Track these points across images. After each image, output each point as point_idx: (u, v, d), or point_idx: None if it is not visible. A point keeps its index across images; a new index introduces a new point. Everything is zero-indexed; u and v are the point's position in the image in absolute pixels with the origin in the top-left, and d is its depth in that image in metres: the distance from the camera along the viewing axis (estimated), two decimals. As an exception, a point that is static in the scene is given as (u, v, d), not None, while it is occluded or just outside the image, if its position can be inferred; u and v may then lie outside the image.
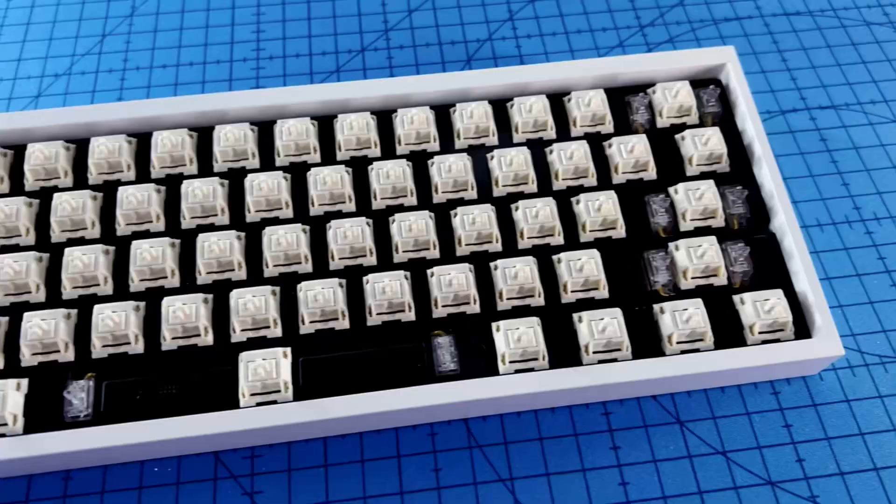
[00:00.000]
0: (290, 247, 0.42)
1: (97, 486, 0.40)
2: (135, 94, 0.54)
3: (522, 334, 0.40)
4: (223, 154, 0.45)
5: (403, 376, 0.40)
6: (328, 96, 0.47)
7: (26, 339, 0.40)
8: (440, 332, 0.41)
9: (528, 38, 0.57)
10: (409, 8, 0.58)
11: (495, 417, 0.42)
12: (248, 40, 0.57)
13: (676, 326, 0.40)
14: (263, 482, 0.40)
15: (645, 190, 0.45)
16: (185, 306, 0.40)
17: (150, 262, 0.41)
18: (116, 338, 0.40)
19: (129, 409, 0.39)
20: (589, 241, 0.44)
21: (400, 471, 0.40)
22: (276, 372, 0.39)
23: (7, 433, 0.38)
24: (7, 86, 0.54)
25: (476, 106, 0.46)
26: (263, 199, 0.44)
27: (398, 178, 0.44)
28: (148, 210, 0.43)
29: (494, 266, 0.42)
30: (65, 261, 0.41)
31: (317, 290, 0.41)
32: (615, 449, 0.41)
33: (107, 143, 0.44)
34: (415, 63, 0.56)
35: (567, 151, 0.45)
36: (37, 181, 0.45)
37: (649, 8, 0.59)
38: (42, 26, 0.57)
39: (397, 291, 0.41)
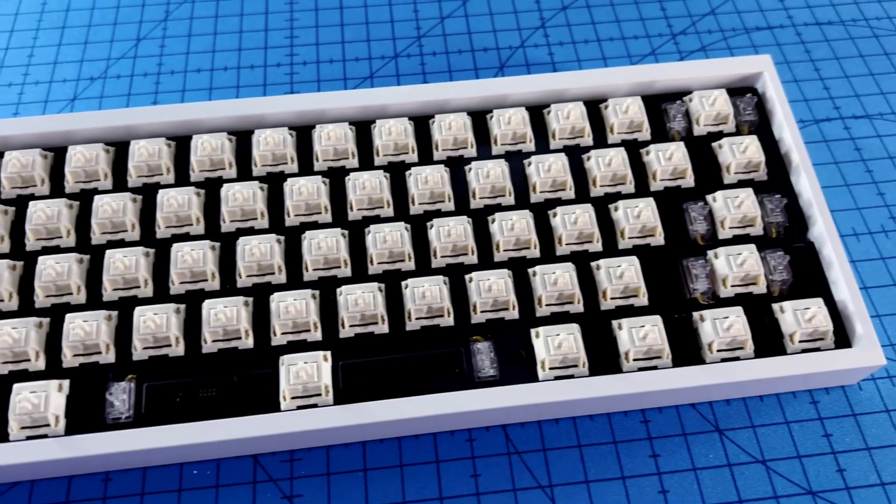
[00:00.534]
0: (330, 251, 0.42)
1: (137, 488, 0.40)
2: (170, 98, 0.54)
3: (563, 341, 0.40)
4: (262, 158, 0.45)
5: (442, 381, 0.40)
6: (366, 101, 0.47)
7: (68, 341, 0.40)
8: (479, 338, 0.41)
9: (560, 45, 0.57)
10: (441, 15, 0.59)
11: (533, 424, 0.42)
12: (282, 45, 0.57)
13: (717, 334, 0.40)
14: (303, 486, 0.40)
15: (682, 197, 0.45)
16: (226, 309, 0.40)
17: (190, 265, 0.42)
18: (157, 340, 0.40)
19: (169, 411, 0.39)
20: (627, 248, 0.44)
21: (439, 476, 0.40)
22: (317, 375, 0.39)
23: (49, 434, 0.38)
24: (43, 88, 0.54)
25: (514, 112, 0.46)
26: (303, 203, 0.44)
27: (436, 184, 0.44)
28: (188, 213, 0.43)
29: (533, 272, 0.42)
30: (106, 263, 0.42)
31: (357, 295, 0.41)
32: (654, 457, 0.41)
33: (147, 146, 0.45)
34: (448, 69, 0.56)
35: (605, 158, 0.45)
36: (77, 183, 0.45)
37: (681, 17, 0.59)
38: (77, 30, 0.58)
39: (436, 296, 0.41)
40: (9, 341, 0.39)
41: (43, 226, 0.43)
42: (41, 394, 0.38)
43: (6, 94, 0.54)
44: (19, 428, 0.38)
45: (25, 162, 0.44)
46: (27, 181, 0.44)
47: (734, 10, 0.59)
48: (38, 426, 0.38)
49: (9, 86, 0.54)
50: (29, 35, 0.57)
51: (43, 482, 0.40)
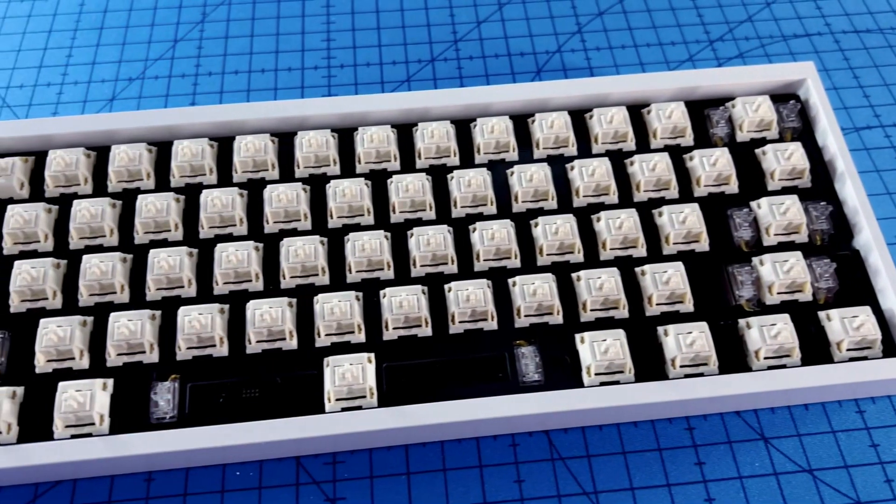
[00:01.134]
0: (373, 253, 0.42)
1: (179, 489, 0.40)
2: (208, 100, 0.54)
3: (609, 346, 0.39)
4: (305, 160, 0.45)
5: (485, 385, 0.40)
6: (408, 104, 0.47)
7: (113, 340, 0.40)
8: (522, 342, 0.41)
9: (597, 50, 0.57)
10: (478, 19, 0.59)
11: (577, 430, 0.41)
12: (319, 48, 0.57)
13: (764, 341, 0.40)
14: (346, 488, 0.40)
15: (726, 203, 0.45)
16: (271, 310, 0.40)
17: (235, 266, 0.41)
18: (202, 340, 0.40)
19: (213, 411, 0.39)
20: (672, 254, 0.43)
21: (483, 481, 0.40)
22: (362, 377, 0.39)
23: (94, 433, 0.38)
24: (82, 89, 0.55)
25: (556, 116, 0.46)
26: (346, 205, 0.44)
27: (479, 187, 0.44)
28: (232, 214, 0.43)
29: (577, 277, 0.42)
30: (150, 262, 0.42)
31: (401, 297, 0.41)
32: (700, 464, 0.40)
33: (190, 146, 0.45)
34: (485, 74, 0.56)
35: (649, 163, 0.45)
36: (120, 182, 0.45)
37: (718, 23, 0.58)
38: (115, 31, 0.58)
39: (480, 300, 0.41)
40: (54, 339, 0.39)
41: (87, 224, 0.43)
42: (86, 392, 0.38)
43: (45, 93, 0.54)
44: (64, 426, 0.38)
45: (69, 161, 0.44)
46: (70, 180, 0.44)
47: (771, 17, 0.59)
48: (83, 425, 0.38)
49: (48, 85, 0.55)
50: (67, 35, 0.57)
51: (85, 481, 0.40)
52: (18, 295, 0.41)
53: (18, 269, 0.41)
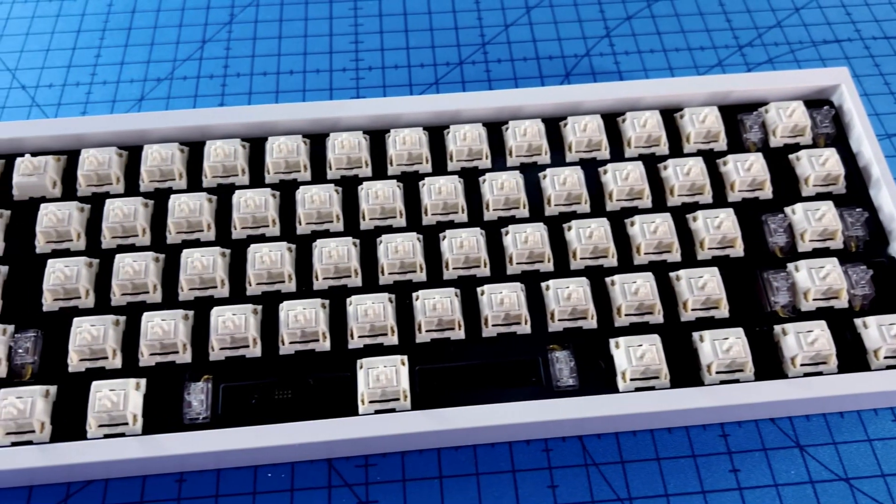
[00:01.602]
0: (407, 255, 0.42)
1: (211, 490, 0.39)
2: (236, 101, 0.54)
3: (645, 352, 0.39)
4: (337, 161, 0.45)
5: (518, 389, 0.40)
6: (440, 106, 0.47)
7: (146, 339, 0.39)
8: (556, 347, 0.41)
9: (626, 54, 0.57)
10: (506, 22, 0.59)
11: (610, 435, 0.41)
12: (347, 50, 0.57)
13: (801, 348, 0.40)
14: (378, 491, 0.39)
15: (760, 209, 0.45)
16: (305, 311, 0.40)
17: (268, 266, 0.41)
18: (235, 340, 0.40)
19: (245, 412, 0.39)
20: (706, 259, 0.43)
21: (516, 486, 0.39)
22: (396, 380, 0.39)
23: (127, 433, 0.38)
24: (111, 88, 0.55)
25: (589, 119, 0.46)
26: (378, 207, 0.43)
27: (511, 190, 0.44)
28: (265, 214, 0.43)
29: (611, 281, 0.42)
30: (183, 262, 0.41)
31: (435, 300, 0.41)
32: (735, 472, 0.40)
33: (223, 146, 0.45)
34: (513, 77, 0.55)
35: (683, 168, 0.44)
36: (152, 182, 0.45)
37: (747, 28, 0.58)
38: (143, 31, 0.58)
39: (514, 303, 0.41)
40: (87, 339, 0.39)
41: (119, 224, 0.43)
42: (120, 392, 0.38)
43: (74, 93, 0.54)
44: (97, 426, 0.38)
45: (102, 160, 0.44)
46: (103, 179, 0.44)
47: (800, 22, 0.58)
48: (117, 424, 0.38)
49: (77, 85, 0.55)
50: (96, 36, 0.58)
51: (117, 481, 0.40)
52: (51, 294, 0.41)
53: (52, 267, 0.41)
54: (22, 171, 0.44)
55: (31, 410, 0.38)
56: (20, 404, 0.38)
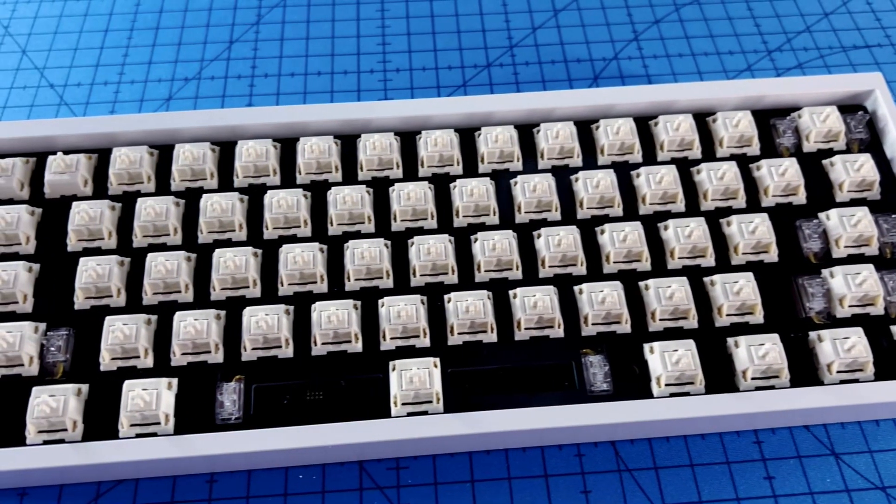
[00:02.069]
0: (438, 257, 0.42)
1: (242, 491, 0.39)
2: (264, 101, 0.54)
3: (681, 357, 0.39)
4: (368, 163, 0.45)
5: (551, 394, 0.39)
6: (468, 109, 0.46)
7: (178, 339, 0.39)
8: (589, 351, 0.40)
9: (654, 58, 0.56)
10: (533, 25, 0.58)
11: (643, 441, 0.41)
12: (375, 52, 0.57)
13: (837, 355, 0.39)
14: (410, 495, 0.39)
15: (794, 214, 0.44)
16: (338, 312, 0.40)
17: (300, 267, 0.41)
18: (268, 341, 0.40)
19: (277, 413, 0.39)
20: (740, 264, 0.43)
21: (549, 491, 0.39)
22: (429, 382, 0.38)
23: (159, 432, 0.38)
24: (139, 88, 0.55)
25: (622, 122, 0.46)
26: (410, 208, 0.43)
27: (543, 192, 0.44)
28: (297, 215, 0.43)
29: (645, 286, 0.42)
30: (214, 262, 0.41)
31: (468, 302, 0.40)
32: (769, 479, 0.40)
33: (255, 146, 0.44)
34: (541, 79, 0.55)
35: (717, 172, 0.44)
36: (183, 181, 0.45)
37: (776, 33, 0.58)
38: (170, 31, 0.58)
39: (547, 307, 0.40)
40: (120, 337, 0.39)
41: (151, 223, 0.42)
42: (152, 391, 0.38)
43: (102, 92, 0.54)
44: (129, 425, 0.38)
45: (133, 158, 0.44)
46: (134, 178, 0.44)
47: (830, 28, 0.58)
48: (149, 424, 0.38)
49: (105, 84, 0.55)
50: (123, 35, 0.58)
51: (147, 481, 0.39)
52: (83, 292, 0.41)
53: (84, 265, 0.41)
54: (54, 169, 0.44)
55: (63, 409, 0.37)
56: (53, 402, 0.37)
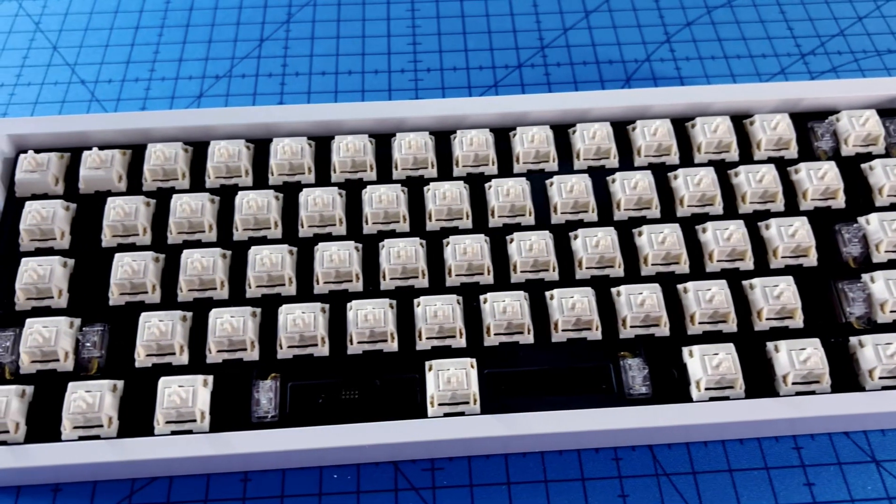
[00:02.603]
0: (474, 257, 0.41)
1: (276, 490, 0.39)
2: (295, 100, 0.54)
3: (722, 361, 0.38)
4: (403, 162, 0.45)
5: (588, 396, 0.39)
6: (508, 108, 0.46)
7: (214, 336, 0.39)
8: (627, 354, 0.40)
9: (686, 60, 0.56)
10: (564, 26, 0.58)
11: (681, 445, 0.40)
12: (405, 52, 0.56)
13: (880, 360, 0.39)
14: (446, 496, 0.39)
15: (832, 218, 0.44)
16: (374, 311, 0.39)
17: (336, 265, 0.41)
18: (304, 339, 0.39)
19: (312, 412, 0.39)
20: (779, 268, 0.42)
21: (586, 494, 0.39)
22: (466, 383, 0.38)
23: (194, 430, 0.38)
24: (169, 85, 0.55)
25: (660, 123, 0.45)
26: (445, 207, 0.43)
27: (580, 193, 0.43)
28: (332, 213, 0.43)
29: (684, 289, 0.41)
30: (250, 259, 0.41)
31: (505, 303, 0.40)
32: (809, 485, 0.39)
33: (291, 144, 0.44)
34: (573, 80, 0.55)
35: (756, 175, 0.44)
36: (217, 179, 0.45)
37: (809, 37, 0.57)
38: (201, 29, 0.58)
39: (585, 308, 0.40)
40: (156, 334, 0.39)
41: (186, 219, 0.42)
42: (188, 388, 0.38)
43: (133, 88, 0.54)
44: (165, 422, 0.38)
45: (168, 155, 0.44)
46: (169, 174, 0.44)
47: (864, 31, 0.58)
48: (184, 421, 0.38)
49: (136, 81, 0.55)
50: (154, 32, 0.58)
51: (181, 479, 0.39)
52: (118, 288, 0.41)
53: (120, 261, 0.41)
54: (89, 165, 0.44)
55: (99, 405, 0.37)
56: (89, 398, 0.37)
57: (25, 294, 0.41)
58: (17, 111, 0.53)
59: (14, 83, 0.55)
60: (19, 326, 0.40)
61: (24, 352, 0.39)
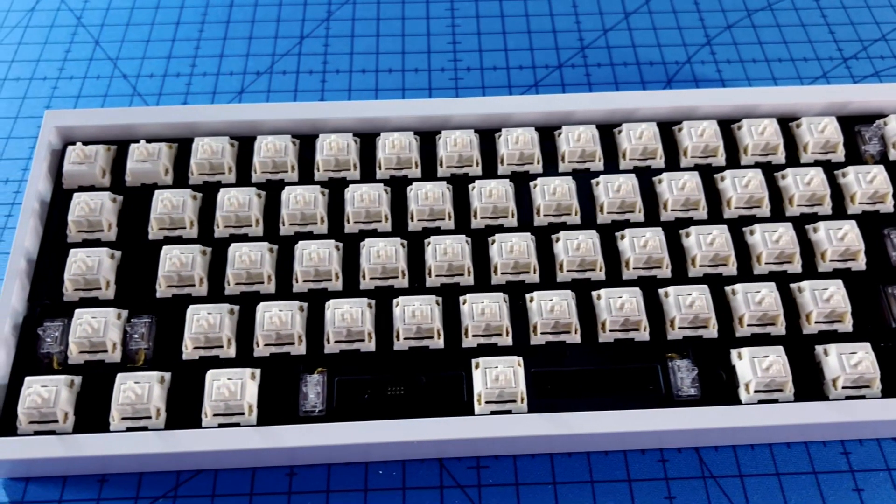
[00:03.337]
0: (521, 255, 0.41)
1: (322, 485, 0.39)
2: (336, 97, 0.54)
3: (772, 363, 0.38)
4: (448, 159, 0.45)
5: (636, 397, 0.39)
6: (553, 107, 0.46)
7: (262, 329, 0.39)
8: (674, 355, 0.40)
9: (727, 63, 0.56)
10: (604, 27, 0.58)
11: (727, 448, 0.40)
12: (445, 51, 0.57)
13: (932, 366, 0.38)
14: (492, 494, 0.39)
15: (881, 222, 0.44)
16: (422, 307, 0.39)
17: (382, 262, 0.41)
18: (351, 334, 0.39)
19: (358, 407, 0.39)
20: (827, 272, 0.42)
21: (632, 495, 0.39)
22: (514, 381, 0.38)
23: (242, 423, 0.38)
24: (210, 80, 0.55)
25: (707, 125, 0.45)
26: (491, 206, 0.43)
27: (627, 193, 0.43)
28: (378, 210, 0.43)
29: (732, 290, 0.41)
30: (297, 254, 0.41)
31: (553, 302, 0.40)
32: (858, 490, 0.39)
33: (337, 140, 0.44)
34: (614, 81, 0.55)
35: (804, 178, 0.43)
36: (263, 173, 0.45)
37: (851, 41, 0.57)
38: (242, 25, 0.58)
39: (634, 309, 0.40)
40: (204, 326, 0.39)
41: (234, 213, 0.42)
42: (237, 381, 0.38)
43: (174, 83, 0.55)
44: (213, 414, 0.38)
45: (216, 149, 0.44)
46: (215, 168, 0.44)
47: (906, 36, 0.57)
48: (233, 414, 0.38)
49: (177, 76, 0.55)
50: (195, 28, 0.58)
51: (226, 472, 0.39)
52: (166, 280, 0.41)
53: (168, 253, 0.41)
54: (136, 158, 0.44)
55: (148, 396, 0.37)
56: (138, 389, 0.37)
57: (74, 285, 0.41)
58: (59, 104, 0.53)
59: (56, 77, 0.55)
60: (67, 317, 0.40)
61: (73, 342, 0.39)
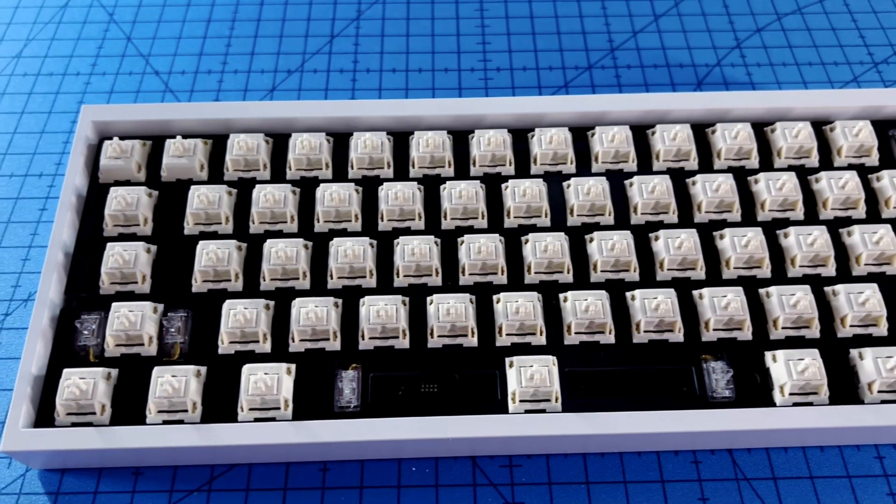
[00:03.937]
0: (554, 255, 0.41)
1: (355, 481, 0.39)
2: (367, 96, 0.54)
3: (808, 366, 0.38)
4: (482, 158, 0.45)
5: (669, 398, 0.39)
6: (588, 107, 0.46)
7: (298, 325, 0.39)
8: (709, 357, 0.40)
9: (757, 66, 0.56)
10: (633, 29, 0.58)
11: (761, 450, 0.40)
12: (475, 51, 0.57)
13: (968, 371, 0.38)
14: (525, 493, 0.39)
15: (915, 227, 0.43)
16: (456, 305, 0.40)
17: (417, 259, 0.41)
18: (386, 331, 0.40)
19: (392, 404, 0.39)
20: (861, 275, 0.42)
21: (665, 496, 0.39)
22: (549, 380, 0.38)
23: (277, 417, 0.38)
24: (242, 78, 0.55)
25: (741, 127, 0.45)
26: (524, 205, 0.43)
27: (662, 194, 0.43)
28: (412, 208, 0.43)
29: (766, 293, 0.41)
30: (333, 251, 0.41)
31: (588, 301, 0.40)
32: (892, 495, 0.39)
33: (372, 138, 0.45)
34: (643, 83, 0.55)
35: (838, 181, 0.43)
36: (298, 170, 0.45)
37: (881, 45, 0.57)
38: (272, 23, 0.58)
39: (668, 310, 0.40)
40: (241, 321, 0.39)
41: (269, 210, 0.43)
42: (273, 376, 0.38)
43: (206, 80, 0.55)
44: (249, 409, 0.38)
45: (251, 145, 0.44)
46: (251, 165, 0.45)
47: (937, 41, 0.57)
48: (268, 408, 0.38)
49: (208, 73, 0.55)
50: (226, 25, 0.58)
51: (260, 466, 0.39)
52: (202, 275, 0.41)
53: (204, 248, 0.41)
54: (172, 153, 0.44)
55: (184, 390, 0.38)
56: (175, 383, 0.38)
57: (110, 278, 0.41)
58: (92, 100, 0.54)
59: (89, 73, 0.55)
60: (103, 310, 0.40)
61: (111, 335, 0.39)
